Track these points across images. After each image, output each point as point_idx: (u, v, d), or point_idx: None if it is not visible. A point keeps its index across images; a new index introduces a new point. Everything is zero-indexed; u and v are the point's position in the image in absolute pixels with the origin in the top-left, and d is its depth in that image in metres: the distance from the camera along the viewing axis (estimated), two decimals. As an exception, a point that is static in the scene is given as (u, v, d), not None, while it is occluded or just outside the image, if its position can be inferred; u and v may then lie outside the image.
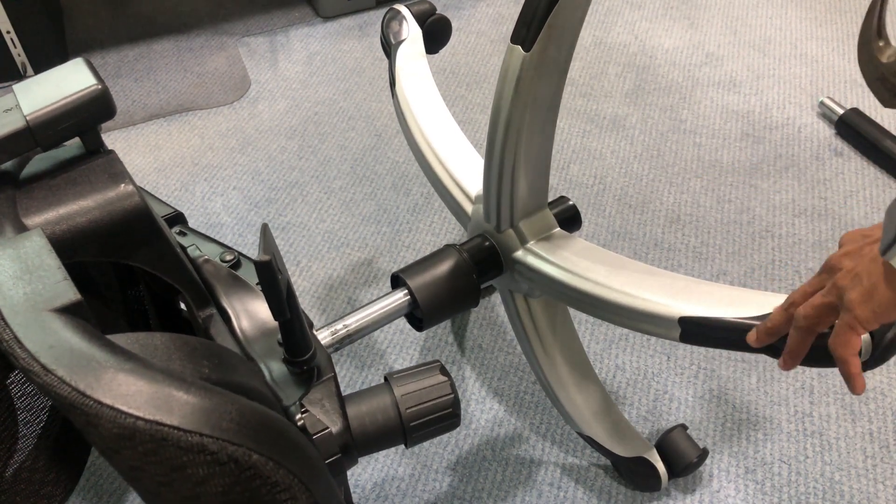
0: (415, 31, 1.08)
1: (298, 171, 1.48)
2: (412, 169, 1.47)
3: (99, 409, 0.40)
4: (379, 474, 1.03)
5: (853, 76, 1.67)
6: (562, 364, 0.95)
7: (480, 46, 1.79)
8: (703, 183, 1.44)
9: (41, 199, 0.62)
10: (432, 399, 0.68)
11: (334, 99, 1.65)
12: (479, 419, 1.09)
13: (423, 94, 1.05)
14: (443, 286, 0.84)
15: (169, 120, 1.61)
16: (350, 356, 1.17)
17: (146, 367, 0.43)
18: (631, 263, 0.80)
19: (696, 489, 1.01)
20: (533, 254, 0.85)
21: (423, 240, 1.35)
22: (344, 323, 0.81)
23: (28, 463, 0.82)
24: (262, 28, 1.87)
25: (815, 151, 1.50)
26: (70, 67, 0.67)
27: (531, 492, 1.01)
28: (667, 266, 1.29)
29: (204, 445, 0.41)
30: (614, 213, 1.38)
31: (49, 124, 0.63)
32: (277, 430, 0.47)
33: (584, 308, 0.82)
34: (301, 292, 1.26)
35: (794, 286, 1.25)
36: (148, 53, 1.79)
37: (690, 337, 0.70)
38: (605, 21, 1.82)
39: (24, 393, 0.82)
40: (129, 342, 0.49)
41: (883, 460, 1.03)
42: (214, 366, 0.53)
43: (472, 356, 1.17)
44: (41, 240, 0.53)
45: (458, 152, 0.99)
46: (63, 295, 0.48)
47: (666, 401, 1.10)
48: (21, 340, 0.44)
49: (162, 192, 1.45)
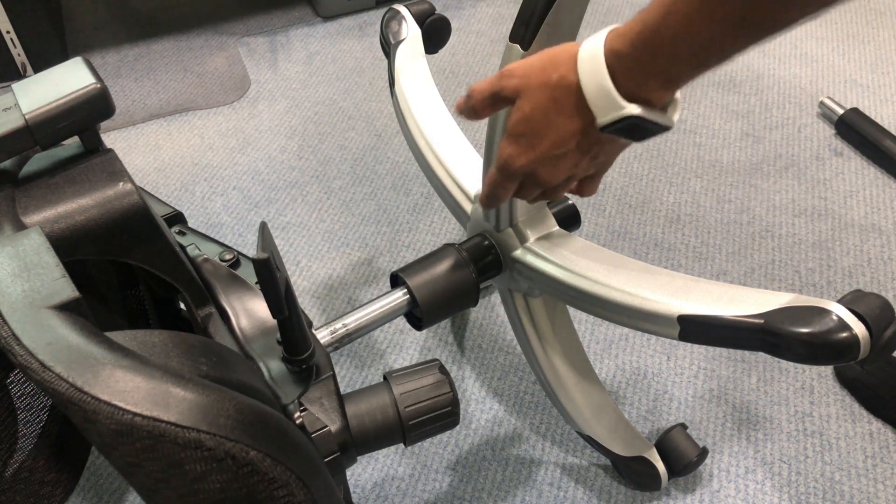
0: (414, 31, 1.08)
1: (298, 171, 1.48)
2: (412, 169, 1.48)
3: (97, 406, 0.40)
4: (379, 474, 1.03)
5: (853, 76, 1.67)
6: (561, 363, 0.95)
7: (480, 46, 1.80)
8: (703, 183, 1.44)
9: (40, 198, 0.62)
10: (431, 397, 0.68)
11: (334, 99, 1.65)
12: (479, 419, 1.09)
13: (422, 93, 1.05)
14: (442, 285, 0.84)
15: (169, 120, 1.61)
16: (349, 355, 1.17)
17: (144, 364, 0.43)
18: (630, 262, 0.80)
19: (696, 489, 1.01)
20: (532, 253, 0.85)
21: (422, 240, 1.35)
22: (343, 322, 0.81)
23: (28, 463, 0.82)
24: (262, 28, 1.87)
25: (815, 151, 1.50)
26: (69, 66, 0.68)
27: (531, 492, 1.01)
28: (667, 266, 1.29)
29: (201, 441, 0.41)
30: (614, 213, 1.38)
31: (48, 123, 0.63)
32: (275, 427, 0.47)
33: (583, 307, 0.81)
34: (301, 292, 1.26)
35: (794, 286, 1.25)
36: (148, 53, 1.79)
37: (689, 335, 0.70)
38: (605, 21, 1.82)
39: (24, 392, 0.82)
40: (127, 339, 0.49)
41: (883, 460, 1.03)
42: (213, 363, 0.53)
43: (472, 356, 1.17)
44: (40, 238, 0.53)
45: (458, 152, 0.99)
46: (61, 292, 0.48)
47: (666, 400, 1.10)
48: (19, 337, 0.44)
49: (162, 191, 1.45)
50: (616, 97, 0.51)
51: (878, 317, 0.59)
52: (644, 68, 0.50)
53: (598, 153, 0.58)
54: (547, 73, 0.54)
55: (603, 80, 0.51)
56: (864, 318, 0.59)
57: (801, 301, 0.63)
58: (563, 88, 0.53)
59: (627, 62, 0.50)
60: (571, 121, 0.54)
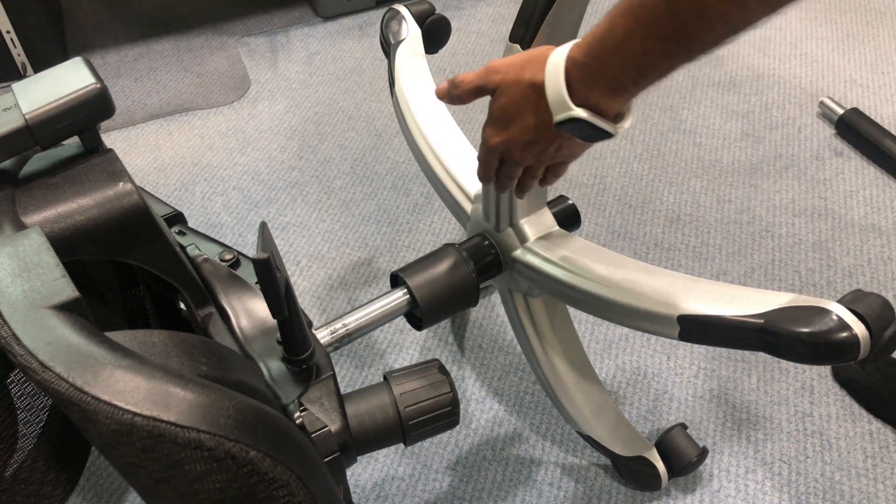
0: (414, 31, 1.08)
1: (298, 171, 1.48)
2: (412, 169, 1.48)
3: (96, 406, 0.40)
4: (379, 474, 1.03)
5: (853, 76, 1.67)
6: (561, 363, 0.95)
7: (480, 46, 1.80)
8: (703, 183, 1.44)
9: (40, 198, 0.62)
10: (431, 397, 0.68)
11: (334, 99, 1.65)
12: (479, 419, 1.09)
13: (422, 93, 1.05)
14: (442, 285, 0.84)
15: (169, 120, 1.61)
16: (349, 355, 1.17)
17: (144, 364, 0.43)
18: (630, 262, 0.80)
19: (696, 489, 1.01)
20: (532, 252, 0.85)
21: (422, 240, 1.35)
22: (343, 322, 0.81)
23: (28, 463, 0.82)
24: (262, 28, 1.87)
25: (815, 151, 1.50)
26: (69, 66, 0.68)
27: (531, 491, 1.01)
28: (667, 266, 1.29)
29: (201, 441, 0.41)
30: (614, 213, 1.38)
31: (48, 123, 0.63)
32: (275, 427, 0.47)
33: (583, 307, 0.81)
34: (301, 292, 1.26)
35: (794, 286, 1.25)
36: (148, 53, 1.79)
37: (689, 335, 0.70)
38: (605, 21, 1.82)
39: (24, 392, 0.82)
40: (127, 339, 0.49)
41: (883, 460, 1.03)
42: (213, 363, 0.53)
43: (472, 356, 1.17)
44: (40, 238, 0.53)
45: (458, 152, 0.99)
46: (61, 292, 0.48)
47: (666, 400, 1.10)
48: (19, 337, 0.44)
49: (162, 191, 1.45)
50: (566, 100, 0.57)
51: (878, 317, 0.59)
52: (593, 76, 0.56)
53: (560, 146, 0.65)
54: (523, 71, 0.61)
55: (560, 84, 0.57)
56: (864, 317, 0.59)
57: (801, 301, 0.63)
58: (532, 87, 0.60)
59: (581, 69, 0.56)
60: (536, 115, 0.61)
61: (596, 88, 0.56)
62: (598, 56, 0.55)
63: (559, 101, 0.57)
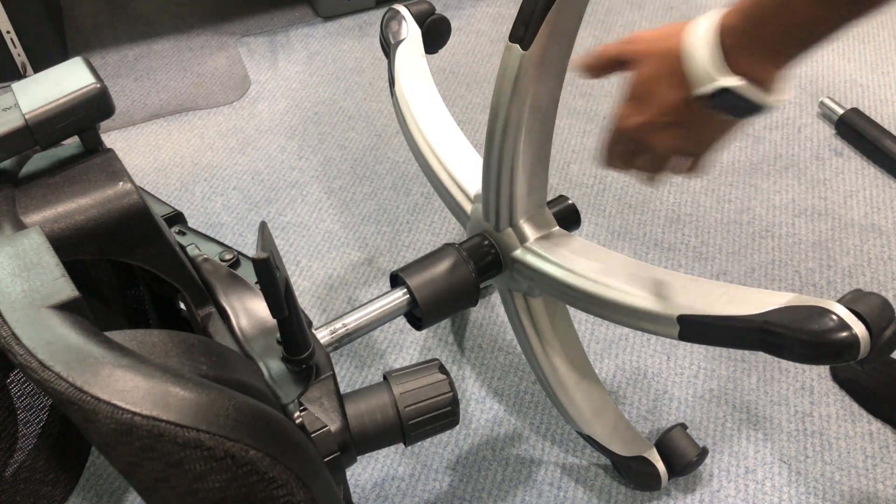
0: (414, 31, 1.08)
1: (298, 171, 1.48)
2: (412, 169, 1.48)
3: (96, 405, 0.40)
4: (379, 474, 1.03)
5: (853, 76, 1.67)
6: (561, 363, 0.95)
7: (480, 46, 1.80)
8: (703, 183, 1.44)
9: (40, 198, 0.62)
10: (431, 397, 0.68)
11: (334, 99, 1.65)
12: (479, 419, 1.09)
13: (422, 93, 1.05)
14: (442, 285, 0.84)
15: (169, 120, 1.61)
16: (349, 355, 1.17)
17: (143, 364, 0.43)
18: (630, 262, 0.80)
19: (696, 488, 1.01)
20: (532, 252, 0.85)
21: (423, 239, 1.35)
22: (343, 322, 0.81)
23: (28, 463, 0.82)
24: (262, 28, 1.87)
25: (815, 151, 1.50)
26: (69, 66, 0.68)
27: (531, 491, 1.01)
28: (667, 266, 1.29)
29: (201, 441, 0.41)
30: (614, 213, 1.38)
31: (48, 123, 0.63)
32: (275, 426, 0.47)
33: (583, 306, 0.82)
34: (301, 292, 1.26)
35: (794, 286, 1.25)
36: (148, 53, 1.79)
37: (689, 335, 0.70)
38: (606, 21, 1.82)
39: (24, 392, 0.82)
40: (126, 339, 0.49)
41: (883, 460, 1.03)
42: (212, 363, 0.53)
43: (472, 356, 1.17)
44: (39, 237, 0.53)
45: (458, 152, 0.99)
46: (61, 292, 0.48)
47: (666, 400, 1.10)
48: (18, 337, 0.44)
49: (162, 191, 1.45)
50: (719, 67, 0.53)
51: (878, 316, 0.59)
52: (750, 40, 0.52)
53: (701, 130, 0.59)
54: (664, 41, 0.57)
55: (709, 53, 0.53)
56: (864, 317, 0.59)
57: (801, 301, 0.63)
58: (674, 58, 0.56)
59: (739, 37, 0.52)
60: (677, 90, 0.56)
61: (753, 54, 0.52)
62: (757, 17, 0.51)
63: (704, 72, 0.53)
